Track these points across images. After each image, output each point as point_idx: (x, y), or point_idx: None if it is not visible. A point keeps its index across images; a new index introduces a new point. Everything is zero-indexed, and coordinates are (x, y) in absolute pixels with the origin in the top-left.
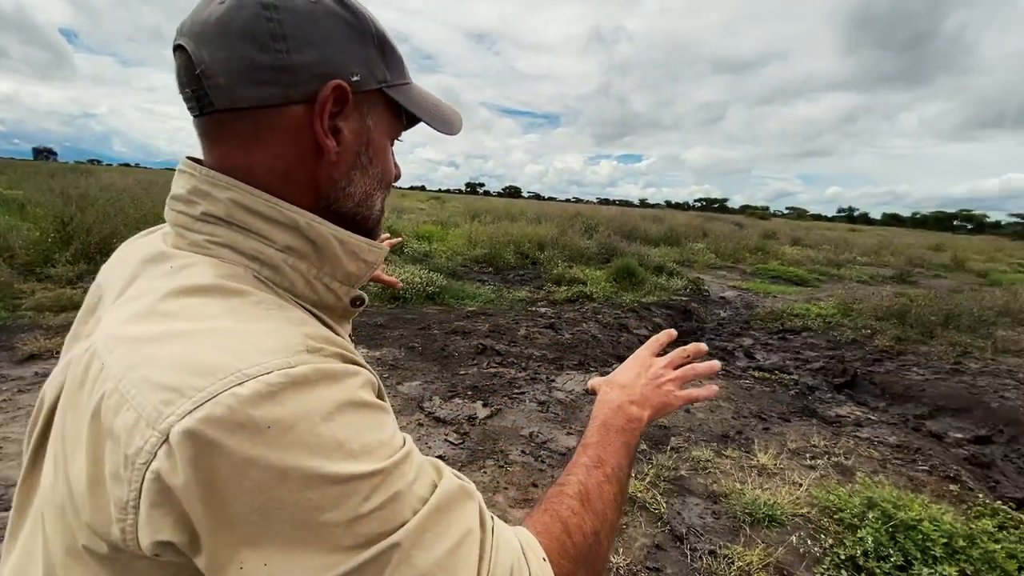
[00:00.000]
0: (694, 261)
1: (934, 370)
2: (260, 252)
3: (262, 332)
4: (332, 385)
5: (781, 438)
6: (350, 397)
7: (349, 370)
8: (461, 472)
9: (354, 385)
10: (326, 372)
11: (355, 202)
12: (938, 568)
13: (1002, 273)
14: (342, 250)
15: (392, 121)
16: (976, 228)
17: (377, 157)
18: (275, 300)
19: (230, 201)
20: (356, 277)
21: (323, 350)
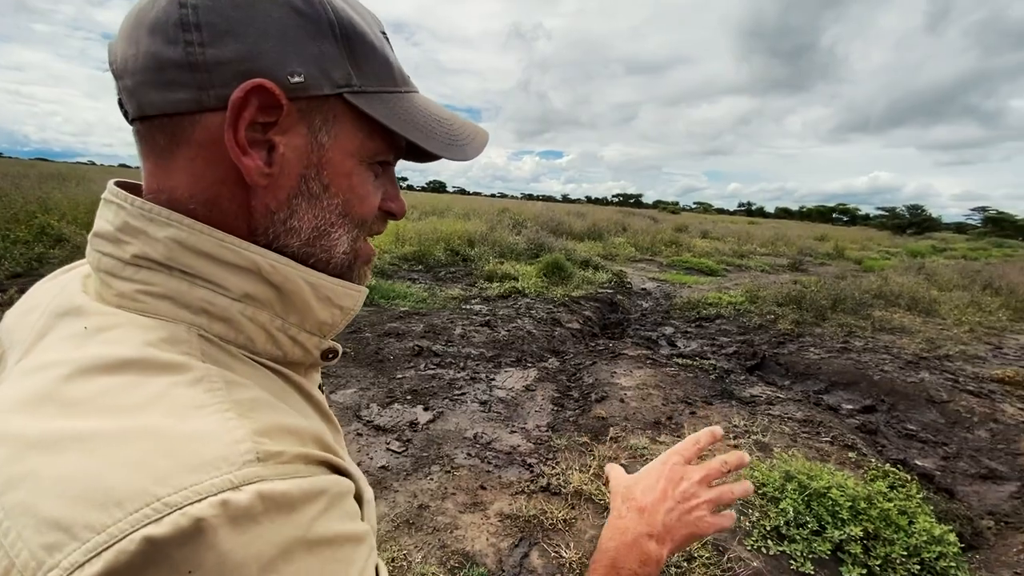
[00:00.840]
0: (616, 255)
1: (827, 349)
2: (210, 304)
3: (197, 435)
4: (283, 518)
5: (706, 421)
6: (305, 534)
7: (311, 489)
8: (406, 482)
9: (313, 513)
10: (278, 498)
11: (302, 239)
12: (846, 529)
13: (873, 260)
14: (314, 296)
15: (366, 139)
16: (850, 220)
17: (336, 183)
18: (220, 375)
19: (171, 241)
20: (329, 327)
21: (280, 455)
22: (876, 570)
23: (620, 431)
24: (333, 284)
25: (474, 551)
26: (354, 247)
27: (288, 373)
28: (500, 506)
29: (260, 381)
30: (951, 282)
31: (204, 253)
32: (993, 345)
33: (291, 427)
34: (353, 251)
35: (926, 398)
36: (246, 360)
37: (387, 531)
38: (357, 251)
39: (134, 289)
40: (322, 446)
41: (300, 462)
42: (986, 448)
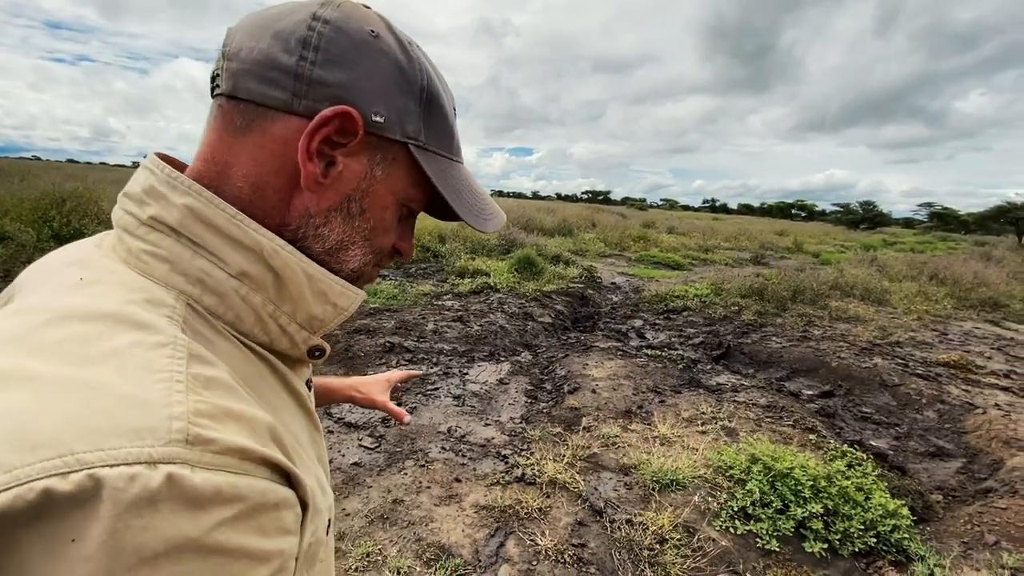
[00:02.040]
0: (586, 250)
1: (788, 338)
2: (207, 275)
3: (136, 400)
4: (185, 513)
5: (675, 408)
6: (201, 537)
7: (227, 490)
8: (379, 477)
9: (219, 518)
10: (187, 490)
11: (325, 247)
12: (808, 507)
13: (830, 253)
14: (309, 288)
15: (410, 187)
16: (808, 216)
17: (373, 211)
18: (188, 346)
19: (186, 208)
20: (320, 322)
21: (213, 443)
22: (836, 544)
23: (593, 420)
24: (330, 280)
25: (450, 543)
26: (363, 268)
27: (273, 360)
28: (475, 498)
29: (237, 361)
30: (901, 274)
31: (213, 225)
32: (939, 332)
33: (242, 414)
34: (361, 271)
35: (879, 382)
36: (230, 338)
37: (361, 527)
38: (364, 273)
39: (141, 248)
40: (274, 443)
41: (234, 456)
42: (934, 428)
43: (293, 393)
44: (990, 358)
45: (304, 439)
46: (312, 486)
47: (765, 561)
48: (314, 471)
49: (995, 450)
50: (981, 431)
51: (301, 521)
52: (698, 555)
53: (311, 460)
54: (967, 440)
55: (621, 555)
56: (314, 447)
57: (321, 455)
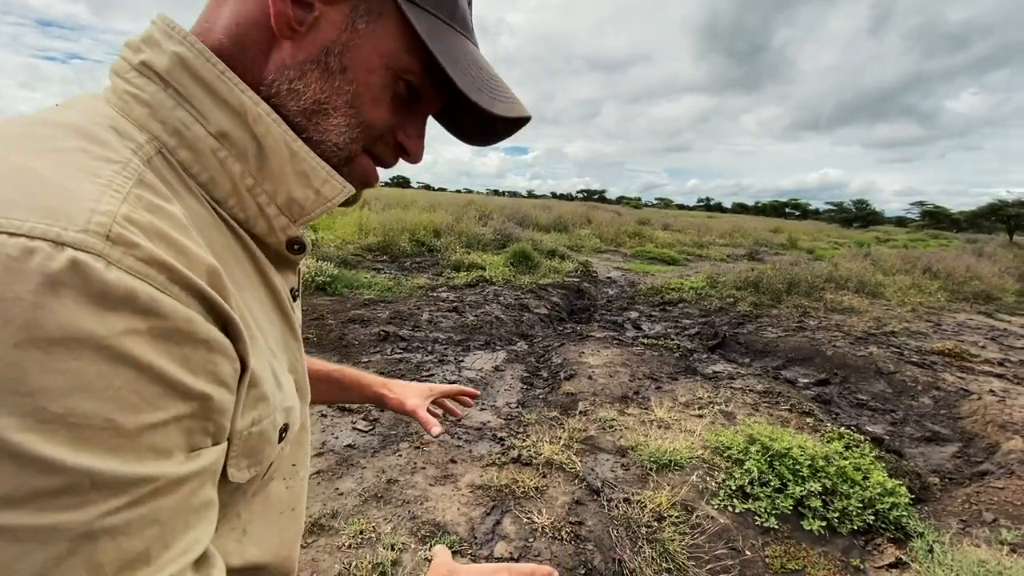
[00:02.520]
0: (582, 246)
1: (784, 328)
2: (185, 128)
3: (63, 188)
4: (88, 306)
5: (672, 394)
6: (106, 339)
7: (146, 299)
8: (373, 459)
9: (130, 325)
10: (95, 282)
11: (300, 105)
12: (806, 485)
13: (824, 249)
14: (291, 165)
15: (402, 51)
16: (802, 214)
17: (356, 71)
18: (140, 172)
19: (176, 56)
20: (300, 209)
21: (137, 248)
22: (834, 522)
23: (589, 405)
24: (315, 162)
25: (445, 520)
26: (349, 146)
27: (249, 242)
28: (471, 478)
29: (202, 222)
30: (894, 267)
31: (200, 78)
32: (933, 322)
33: (181, 245)
34: (348, 151)
35: (875, 370)
36: (202, 200)
37: (354, 505)
38: (352, 155)
39: (125, 89)
40: (212, 287)
41: (158, 270)
42: (930, 413)
43: (267, 284)
44: (984, 347)
45: (268, 329)
46: (261, 366)
47: (764, 538)
48: (269, 360)
49: (991, 434)
50: (977, 416)
51: (239, 382)
52: (696, 532)
53: (272, 351)
54: (963, 425)
55: (619, 532)
56: (286, 352)
57: (295, 366)
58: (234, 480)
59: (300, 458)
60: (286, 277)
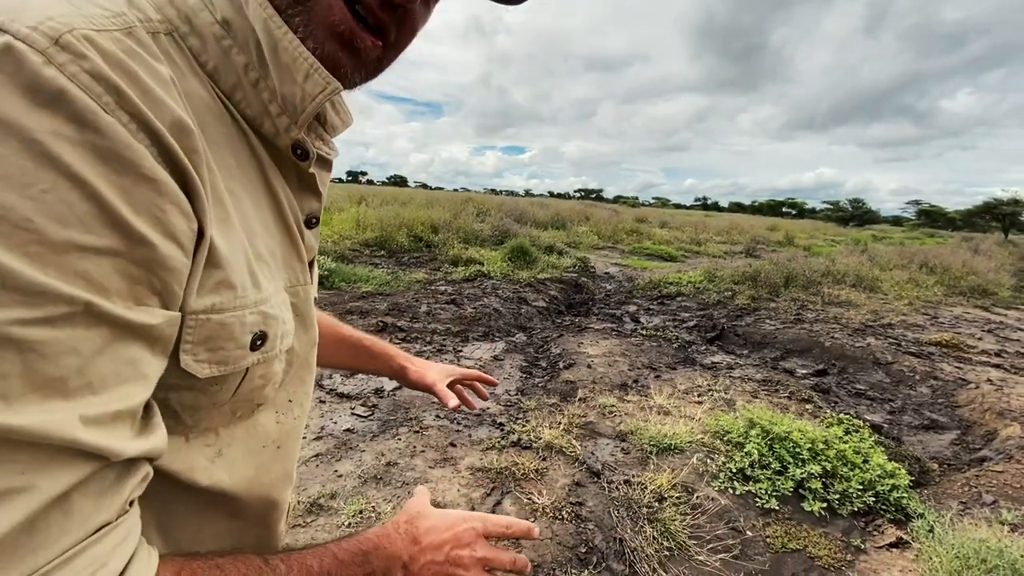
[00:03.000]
0: (580, 242)
1: (782, 321)
2: (194, 15)
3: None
4: (15, 93)
5: (671, 383)
6: (29, 131)
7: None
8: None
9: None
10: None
11: None
12: (806, 468)
13: (820, 247)
14: (274, 55)
15: None
16: (799, 213)
17: None
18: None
19: None
20: (292, 107)
21: (84, 59)
22: (835, 504)
23: (589, 392)
24: (297, 52)
25: (445, 501)
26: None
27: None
28: (471, 461)
29: (200, 105)
30: (891, 263)
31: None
32: (930, 316)
33: (146, 85)
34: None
35: (873, 360)
36: (208, 86)
37: (354, 486)
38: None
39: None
40: (176, 135)
41: (107, 91)
42: (928, 402)
43: (268, 189)
44: (980, 339)
45: (259, 231)
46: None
47: (765, 519)
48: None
49: (989, 421)
50: (975, 404)
51: (195, 248)
52: (698, 512)
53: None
54: (961, 413)
55: (620, 512)
56: (284, 268)
57: (296, 289)
58: (188, 370)
59: (298, 396)
60: (303, 197)
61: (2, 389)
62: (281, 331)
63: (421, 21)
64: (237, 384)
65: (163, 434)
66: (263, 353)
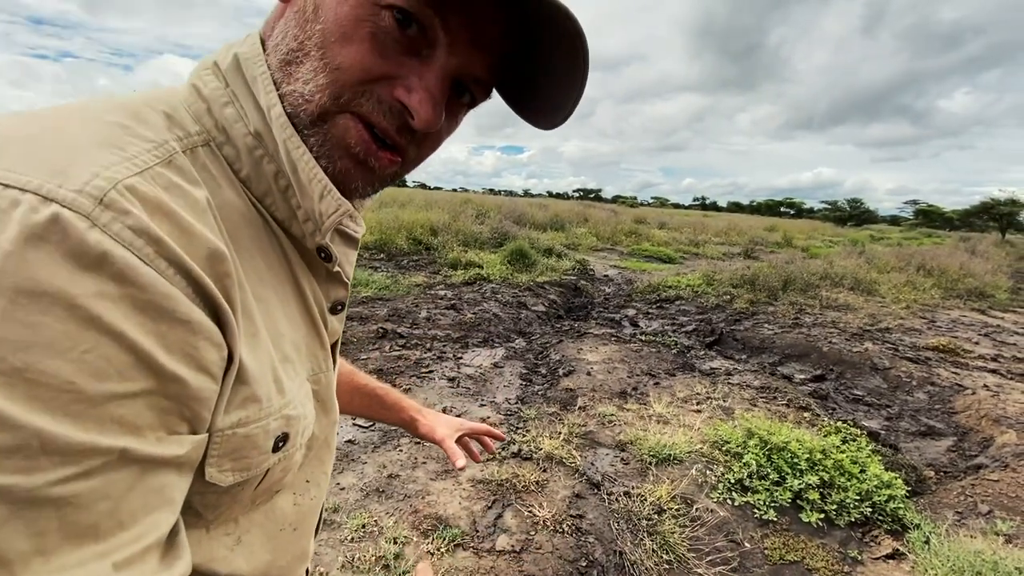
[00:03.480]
0: (579, 244)
1: (780, 325)
2: (230, 126)
3: (75, 147)
4: (63, 262)
5: (670, 390)
6: (74, 297)
7: (124, 266)
8: (374, 454)
9: (99, 287)
10: (71, 240)
11: (278, 58)
12: (804, 478)
13: (818, 248)
14: (291, 171)
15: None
16: (797, 213)
17: (325, 6)
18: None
19: (235, 57)
20: (317, 219)
21: (127, 216)
22: (832, 514)
23: (588, 401)
24: (312, 173)
25: (447, 514)
26: (319, 98)
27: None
28: (472, 472)
29: (234, 214)
30: (889, 265)
31: (247, 78)
32: (927, 319)
33: (184, 222)
34: (317, 103)
35: (870, 366)
36: (243, 194)
37: (356, 500)
38: (326, 110)
39: (192, 83)
40: (211, 270)
41: (147, 242)
42: (925, 408)
43: (296, 286)
44: (977, 343)
45: (287, 330)
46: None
47: (763, 530)
48: (273, 362)
49: (985, 428)
50: (971, 411)
51: (224, 373)
52: (696, 525)
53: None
54: (957, 419)
55: (620, 525)
56: (309, 359)
57: (318, 376)
58: (212, 481)
59: (316, 476)
60: (330, 287)
61: (41, 546)
62: (302, 427)
63: (447, 133)
64: (258, 483)
65: (188, 556)
66: (284, 452)
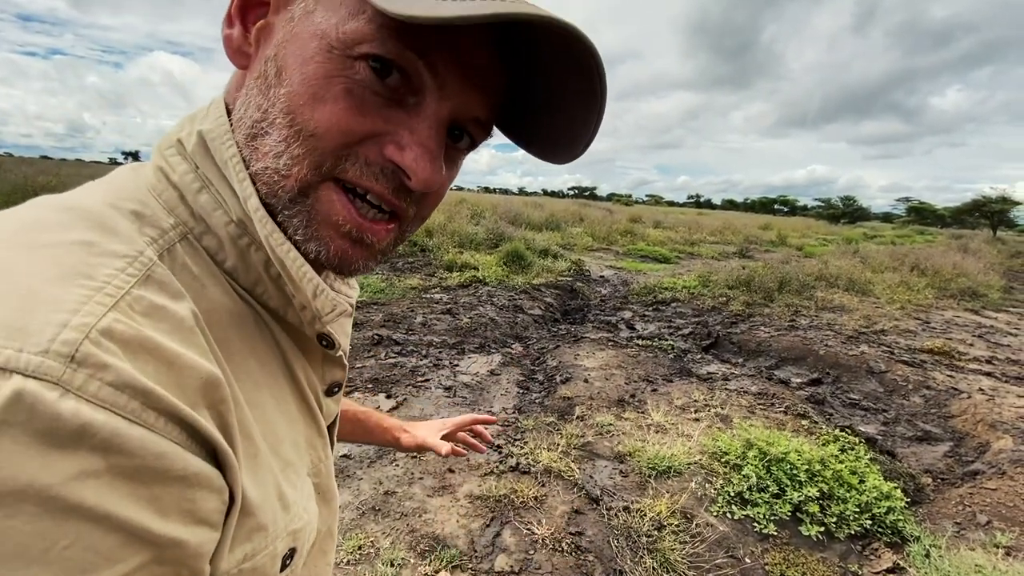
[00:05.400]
0: (574, 244)
1: (776, 328)
2: (208, 215)
3: (37, 294)
4: (33, 447)
5: (668, 397)
6: (46, 488)
7: (103, 436)
8: (370, 469)
9: (80, 466)
10: (40, 418)
11: (244, 133)
12: (803, 491)
13: (813, 246)
14: (280, 267)
15: (347, 18)
16: (791, 211)
17: (289, 67)
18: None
19: (199, 136)
20: (315, 311)
21: (105, 371)
22: (832, 527)
23: (586, 410)
24: (302, 271)
25: (445, 533)
26: (295, 171)
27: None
28: (469, 488)
29: (223, 313)
30: (883, 265)
31: (217, 161)
32: (922, 320)
33: (172, 356)
34: (295, 177)
35: (866, 369)
36: (228, 289)
37: (352, 519)
38: (306, 184)
39: (159, 166)
40: (207, 402)
41: (131, 396)
42: (921, 413)
43: (293, 379)
44: (972, 345)
45: (285, 431)
46: (261, 491)
47: (763, 545)
48: (276, 478)
49: (981, 433)
50: (967, 415)
51: (227, 516)
52: (696, 540)
53: (286, 460)
54: (953, 424)
55: (619, 542)
56: (308, 452)
57: (318, 467)
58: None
59: (320, 569)
60: (326, 369)
61: None
62: (308, 533)
63: (449, 182)
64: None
65: None
66: (291, 567)
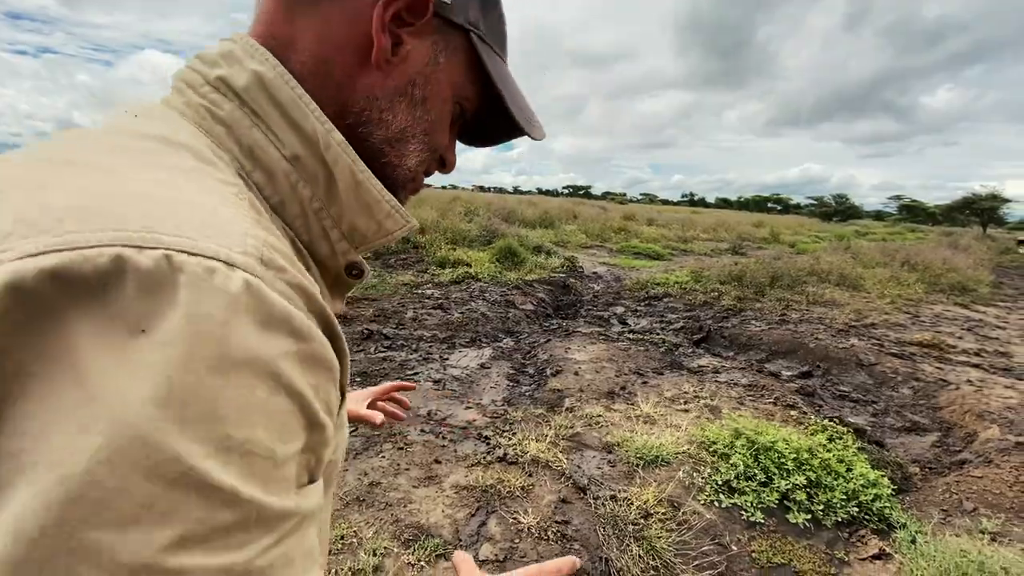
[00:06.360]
0: (568, 241)
1: (767, 322)
2: (261, 150)
3: (212, 209)
4: (257, 328)
5: (658, 389)
6: (269, 362)
7: (298, 325)
8: (356, 460)
9: (284, 347)
10: (262, 305)
11: (387, 135)
12: (791, 479)
13: (805, 244)
14: (354, 194)
15: (467, 82)
16: (784, 209)
17: (432, 101)
18: (250, 199)
19: (255, 75)
20: (361, 237)
21: (284, 272)
22: (819, 515)
23: (576, 401)
24: (381, 195)
25: (429, 523)
26: (417, 170)
27: (309, 263)
28: (456, 478)
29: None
30: (874, 260)
31: (277, 100)
32: (912, 314)
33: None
34: (415, 174)
35: (856, 362)
36: (274, 218)
37: (335, 510)
38: (416, 176)
39: (200, 103)
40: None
41: (301, 295)
42: (909, 404)
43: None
44: (961, 338)
45: None
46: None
47: (750, 533)
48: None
49: (968, 423)
50: (955, 406)
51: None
52: (683, 528)
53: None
54: (941, 415)
55: (606, 530)
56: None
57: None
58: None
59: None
60: (335, 303)
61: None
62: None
63: None
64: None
65: None
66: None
